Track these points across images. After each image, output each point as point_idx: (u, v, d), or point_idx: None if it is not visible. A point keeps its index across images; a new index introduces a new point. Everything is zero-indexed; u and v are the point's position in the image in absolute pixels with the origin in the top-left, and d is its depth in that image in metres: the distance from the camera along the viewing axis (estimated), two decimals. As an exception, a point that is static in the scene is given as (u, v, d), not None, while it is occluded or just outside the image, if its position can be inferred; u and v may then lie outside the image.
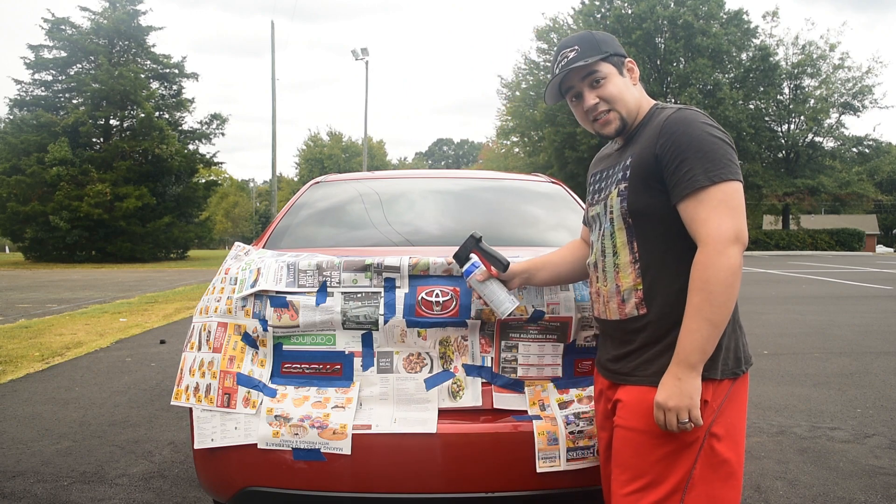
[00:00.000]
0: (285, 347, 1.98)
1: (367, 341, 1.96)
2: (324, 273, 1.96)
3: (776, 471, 3.19)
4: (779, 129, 37.59)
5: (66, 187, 26.29)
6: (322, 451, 1.85)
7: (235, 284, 2.05)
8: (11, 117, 28.94)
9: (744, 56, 35.48)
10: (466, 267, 1.84)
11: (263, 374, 1.97)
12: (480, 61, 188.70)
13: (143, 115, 28.18)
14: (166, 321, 8.50)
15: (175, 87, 32.29)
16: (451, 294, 1.93)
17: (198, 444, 1.94)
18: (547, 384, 1.97)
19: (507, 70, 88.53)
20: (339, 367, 1.97)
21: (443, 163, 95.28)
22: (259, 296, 1.98)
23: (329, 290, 1.95)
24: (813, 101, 35.44)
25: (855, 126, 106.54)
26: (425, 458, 1.87)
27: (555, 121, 34.83)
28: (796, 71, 35.82)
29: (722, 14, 34.60)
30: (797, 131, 36.89)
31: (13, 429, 3.93)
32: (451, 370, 1.96)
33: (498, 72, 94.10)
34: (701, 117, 1.53)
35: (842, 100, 35.92)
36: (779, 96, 36.36)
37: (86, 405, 4.44)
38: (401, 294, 1.94)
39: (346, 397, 1.92)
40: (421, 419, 1.89)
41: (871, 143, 37.30)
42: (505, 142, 46.47)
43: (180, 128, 31.59)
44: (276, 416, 1.89)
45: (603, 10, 36.16)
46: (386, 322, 1.93)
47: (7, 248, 46.62)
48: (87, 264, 26.02)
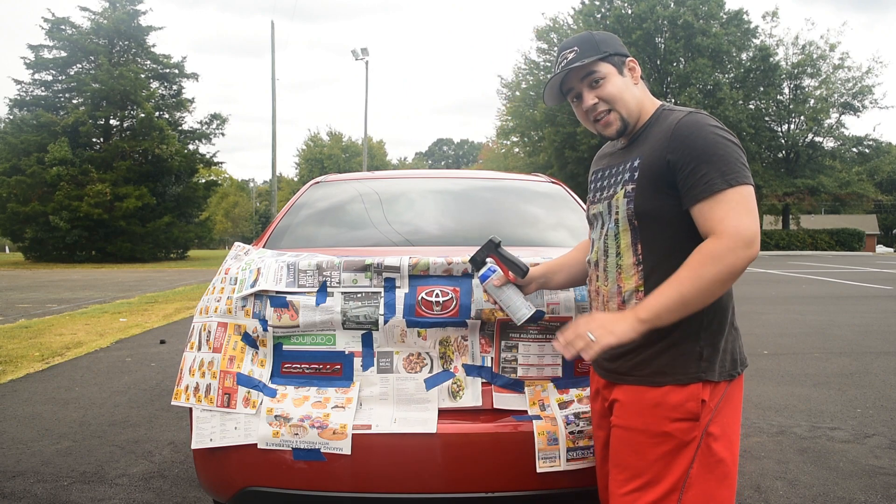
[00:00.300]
0: (285, 347, 1.98)
1: (367, 341, 1.96)
2: (324, 273, 1.96)
3: (776, 471, 3.19)
4: (779, 129, 37.58)
5: (66, 187, 26.30)
6: (322, 451, 1.85)
7: (235, 284, 2.05)
8: (11, 117, 28.95)
9: (744, 56, 35.48)
10: (483, 271, 1.81)
11: (263, 374, 1.97)
12: (480, 61, 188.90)
13: (143, 115, 28.19)
14: (166, 321, 8.50)
15: (175, 87, 32.31)
16: (451, 294, 1.93)
17: (196, 444, 1.94)
18: (547, 384, 1.97)
19: (507, 70, 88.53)
20: (339, 367, 1.97)
21: (443, 163, 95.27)
22: (259, 296, 1.97)
23: (329, 290, 1.95)
24: (813, 101, 35.44)
25: (855, 126, 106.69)
26: (425, 458, 1.86)
27: (555, 121, 34.84)
28: (796, 71, 35.82)
29: (722, 14, 34.61)
30: (797, 131, 36.89)
31: (13, 429, 3.93)
32: (451, 370, 1.96)
33: (498, 72, 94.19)
34: (711, 121, 1.52)
35: (842, 100, 35.92)
36: (779, 96, 36.36)
37: (86, 405, 4.44)
38: (401, 294, 1.94)
39: (346, 397, 1.92)
40: (421, 419, 1.89)
41: (871, 143, 37.31)
42: (505, 142, 46.46)
43: (180, 128, 31.60)
44: (276, 416, 1.89)
45: (603, 10, 36.16)
46: (386, 322, 1.93)
47: (7, 248, 46.62)
48: (87, 264, 26.02)
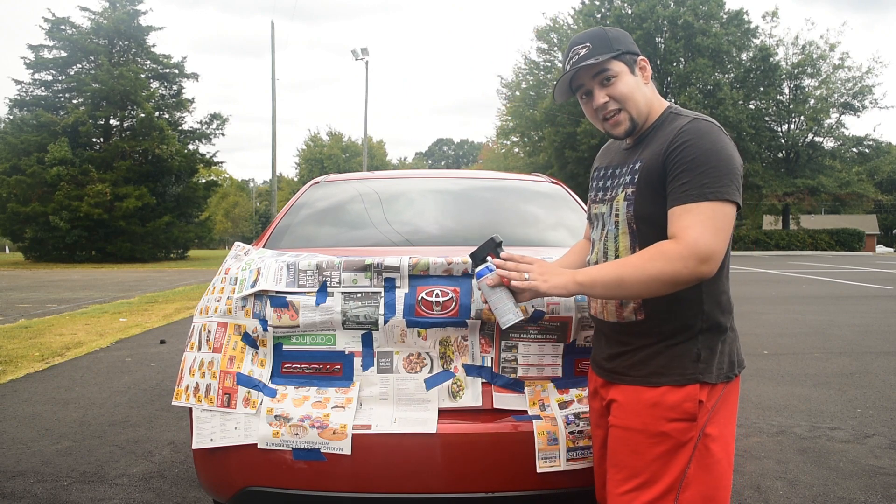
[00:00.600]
0: (285, 347, 1.98)
1: (367, 341, 1.96)
2: (324, 273, 1.96)
3: (776, 471, 3.19)
4: (779, 129, 37.61)
5: (66, 187, 26.29)
6: (322, 451, 1.84)
7: (235, 284, 2.05)
8: (11, 117, 28.94)
9: (744, 56, 35.50)
10: (480, 269, 1.78)
11: (263, 374, 1.97)
12: (480, 61, 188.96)
13: (143, 115, 28.17)
14: (166, 321, 8.50)
15: (175, 87, 32.29)
16: (451, 294, 1.93)
17: (196, 444, 1.94)
18: (547, 384, 1.97)
19: (507, 70, 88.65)
20: (339, 367, 1.97)
21: (443, 163, 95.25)
22: (259, 296, 1.97)
23: (329, 290, 1.95)
24: (813, 101, 35.47)
25: (855, 126, 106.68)
26: (425, 458, 1.86)
27: (555, 121, 34.85)
28: (796, 71, 35.85)
29: (722, 14, 34.63)
30: (797, 131, 36.91)
31: (13, 429, 3.93)
32: (451, 370, 1.96)
33: (498, 72, 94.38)
34: (715, 130, 1.49)
35: (842, 100, 35.96)
36: (779, 96, 36.39)
37: (86, 405, 4.44)
38: (401, 294, 1.94)
39: (346, 397, 1.92)
40: (421, 419, 1.89)
41: (871, 143, 37.35)
42: (505, 142, 46.48)
43: (180, 128, 31.58)
44: (276, 416, 1.89)
45: (603, 10, 36.17)
46: (386, 322, 1.93)
47: (7, 248, 46.60)
48: (87, 264, 26.02)
